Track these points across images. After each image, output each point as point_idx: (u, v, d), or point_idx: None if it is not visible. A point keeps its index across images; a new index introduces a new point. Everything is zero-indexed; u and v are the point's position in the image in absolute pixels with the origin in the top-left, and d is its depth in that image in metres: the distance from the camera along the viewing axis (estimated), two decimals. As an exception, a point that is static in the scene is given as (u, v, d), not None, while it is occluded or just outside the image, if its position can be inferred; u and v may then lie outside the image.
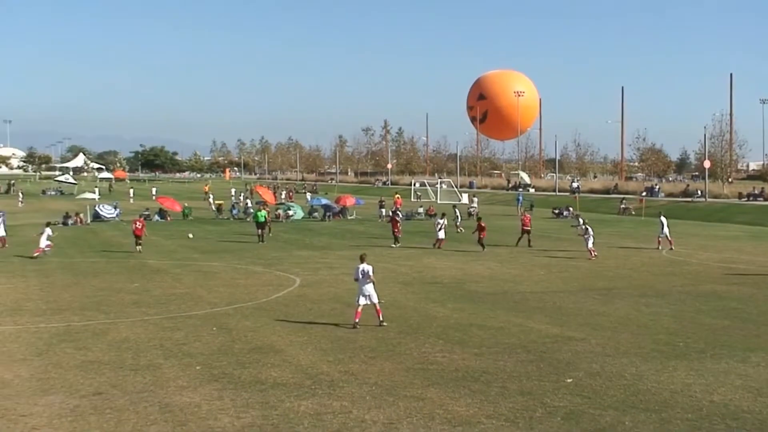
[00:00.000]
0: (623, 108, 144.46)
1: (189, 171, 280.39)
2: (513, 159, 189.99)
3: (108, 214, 76.44)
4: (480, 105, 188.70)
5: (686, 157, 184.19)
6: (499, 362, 20.33)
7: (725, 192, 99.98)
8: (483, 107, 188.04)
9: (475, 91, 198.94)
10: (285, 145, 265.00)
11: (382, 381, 18.50)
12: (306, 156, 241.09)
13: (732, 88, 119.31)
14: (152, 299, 30.30)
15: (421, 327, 24.79)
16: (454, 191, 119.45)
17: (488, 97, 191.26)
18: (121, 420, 15.63)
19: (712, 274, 37.98)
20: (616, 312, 27.71)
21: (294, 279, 35.49)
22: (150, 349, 21.79)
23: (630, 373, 19.18)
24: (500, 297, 31.08)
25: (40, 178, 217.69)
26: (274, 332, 24.11)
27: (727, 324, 25.57)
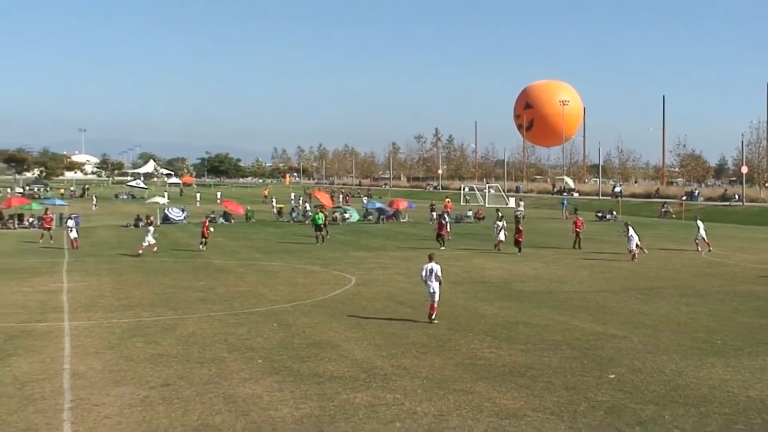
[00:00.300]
0: (664, 116, 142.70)
1: (251, 176, 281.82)
2: (558, 165, 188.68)
3: (176, 216, 77.26)
4: (527, 113, 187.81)
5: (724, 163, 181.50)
6: (545, 358, 20.22)
7: (762, 196, 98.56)
8: (529, 116, 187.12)
9: (522, 100, 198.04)
10: (341, 151, 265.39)
11: (432, 375, 18.48)
12: (361, 162, 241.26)
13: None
14: (217, 296, 30.52)
15: (470, 324, 24.72)
16: (501, 195, 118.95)
17: (534, 106, 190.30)
18: (188, 410, 15.77)
19: (749, 275, 37.48)
20: (656, 311, 27.44)
21: (349, 278, 35.56)
22: (215, 344, 21.96)
23: (670, 370, 18.98)
24: (545, 296, 30.90)
25: (113, 183, 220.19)
26: (331, 328, 24.18)
27: (764, 322, 25.20)
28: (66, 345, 21.91)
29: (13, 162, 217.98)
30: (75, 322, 25.15)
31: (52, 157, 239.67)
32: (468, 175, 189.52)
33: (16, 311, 26.28)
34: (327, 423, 14.91)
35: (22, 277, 36.32)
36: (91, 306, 28.47)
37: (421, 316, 25.86)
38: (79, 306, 28.46)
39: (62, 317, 26.19)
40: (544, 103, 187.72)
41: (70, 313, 27.05)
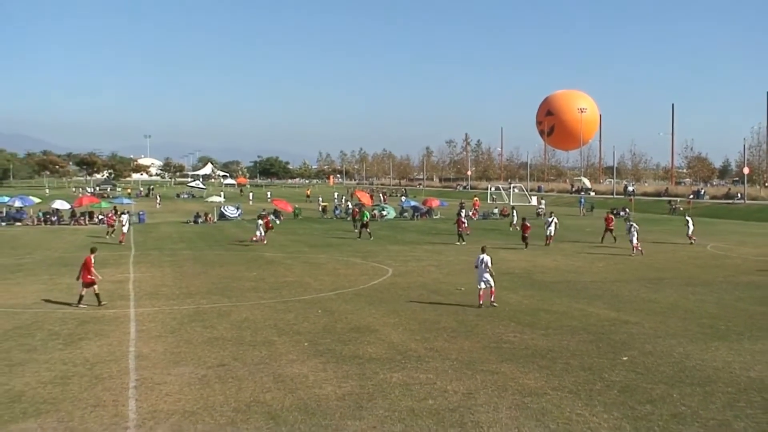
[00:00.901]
0: (673, 121, 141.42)
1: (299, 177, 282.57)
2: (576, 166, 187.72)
3: (231, 214, 77.52)
4: (548, 120, 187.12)
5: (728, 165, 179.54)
6: (563, 342, 20.09)
7: (762, 195, 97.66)
8: (550, 122, 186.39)
9: (544, 108, 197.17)
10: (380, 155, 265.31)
11: (461, 357, 18.43)
12: (397, 164, 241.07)
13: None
14: (267, 286, 30.62)
15: (495, 311, 24.61)
16: (524, 194, 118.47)
17: (555, 113, 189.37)
18: (241, 388, 15.84)
19: (751, 266, 37.05)
20: (665, 299, 27.19)
21: (387, 269, 35.54)
22: (266, 328, 22.03)
23: (678, 353, 18.80)
24: (564, 285, 30.71)
25: (175, 184, 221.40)
26: (370, 314, 24.18)
27: (764, 310, 24.89)
28: (131, 329, 22.08)
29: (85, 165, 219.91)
30: (140, 309, 25.36)
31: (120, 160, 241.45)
32: (494, 176, 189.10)
33: (87, 299, 26.52)
34: (366, 400, 14.92)
35: (94, 268, 36.58)
36: (154, 294, 28.68)
37: (450, 303, 25.86)
38: (144, 294, 28.68)
39: (128, 304, 26.40)
40: (564, 111, 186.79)
41: (135, 300, 27.28)
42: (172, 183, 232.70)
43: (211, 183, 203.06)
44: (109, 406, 14.80)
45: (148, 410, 14.48)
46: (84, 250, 46.50)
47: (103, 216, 70.81)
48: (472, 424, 13.53)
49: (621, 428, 13.33)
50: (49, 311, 24.98)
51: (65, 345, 20.05)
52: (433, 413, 14.11)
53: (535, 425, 13.46)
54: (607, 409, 14.34)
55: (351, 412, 14.20)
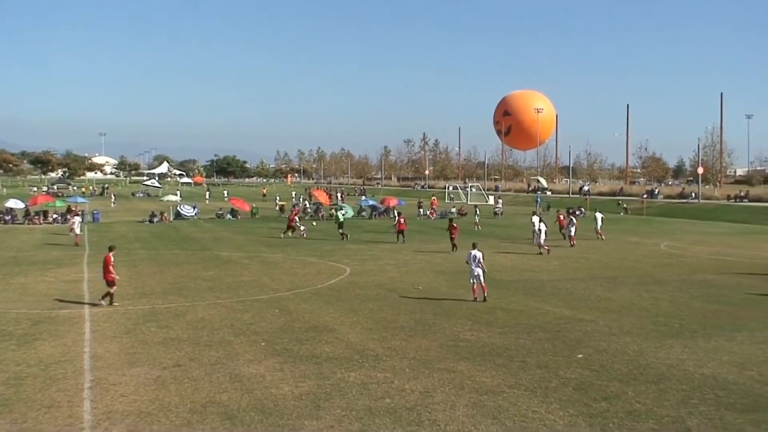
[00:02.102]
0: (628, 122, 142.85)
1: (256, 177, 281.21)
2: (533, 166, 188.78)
3: (188, 213, 76.91)
4: (505, 120, 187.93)
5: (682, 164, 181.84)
6: (520, 340, 20.23)
7: (716, 194, 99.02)
8: (507, 122, 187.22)
9: (501, 108, 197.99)
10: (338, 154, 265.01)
11: (419, 356, 18.47)
12: (356, 164, 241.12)
13: (722, 105, 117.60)
14: (224, 285, 30.45)
15: (452, 309, 24.71)
16: (482, 194, 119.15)
17: (512, 113, 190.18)
18: (197, 388, 15.73)
19: (704, 265, 37.55)
20: (620, 297, 27.48)
21: (345, 268, 35.51)
22: (222, 328, 21.90)
23: (632, 350, 19.02)
24: (521, 284, 30.90)
25: (130, 183, 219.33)
26: (328, 314, 24.14)
27: (717, 308, 25.27)
28: (86, 330, 21.84)
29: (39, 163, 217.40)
30: (94, 309, 25.07)
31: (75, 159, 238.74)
32: (452, 176, 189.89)
33: (41, 299, 26.16)
34: (323, 400, 14.89)
35: (47, 268, 36.18)
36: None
37: (408, 302, 25.97)
38: (98, 294, 28.30)
39: (82, 304, 26.09)
40: (521, 111, 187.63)
41: (89, 300, 26.93)
42: (128, 182, 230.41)
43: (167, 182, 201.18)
44: (64, 407, 14.63)
45: (103, 411, 14.32)
46: (40, 249, 45.98)
47: (57, 215, 70.01)
48: (429, 423, 13.57)
49: (576, 425, 13.45)
50: (2, 311, 24.61)
51: (18, 346, 19.77)
52: (391, 412, 14.13)
53: (492, 423, 13.54)
54: (563, 406, 14.46)
55: (308, 412, 14.17)
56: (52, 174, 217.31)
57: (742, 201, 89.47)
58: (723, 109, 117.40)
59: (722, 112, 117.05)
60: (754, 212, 76.76)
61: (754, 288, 29.77)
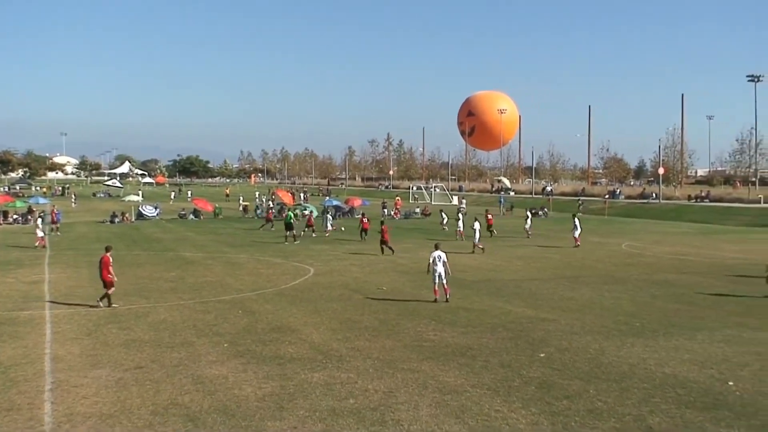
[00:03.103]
0: (590, 123, 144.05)
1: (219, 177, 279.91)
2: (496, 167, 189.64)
3: (149, 213, 76.35)
4: (469, 121, 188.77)
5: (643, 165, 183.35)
6: (483, 339, 20.31)
7: (677, 194, 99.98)
8: (471, 123, 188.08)
9: (465, 108, 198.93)
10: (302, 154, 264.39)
11: (383, 356, 18.48)
12: (320, 164, 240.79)
13: (683, 106, 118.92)
14: (187, 286, 30.28)
15: (416, 310, 24.76)
16: (446, 194, 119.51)
17: (476, 114, 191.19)
18: (159, 390, 15.62)
19: (665, 264, 37.96)
20: (582, 297, 27.70)
21: (309, 269, 35.45)
22: (184, 329, 21.77)
23: (594, 349, 19.17)
24: (484, 284, 31.04)
25: (91, 183, 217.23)
26: (291, 314, 24.09)
27: (678, 307, 25.55)
28: (47, 331, 21.61)
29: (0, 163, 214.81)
30: (55, 311, 24.82)
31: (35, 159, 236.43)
32: (416, 176, 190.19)
33: (1, 300, 25.82)
34: (287, 400, 14.85)
35: (7, 269, 35.75)
36: (70, 295, 28.09)
37: (372, 302, 26.02)
38: (60, 295, 28.08)
39: (44, 306, 25.82)
40: (485, 112, 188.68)
41: (50, 302, 26.66)
42: (89, 182, 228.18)
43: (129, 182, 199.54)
44: (24, 409, 14.45)
45: (64, 413, 14.17)
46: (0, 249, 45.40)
47: (18, 215, 69.19)
48: (392, 423, 13.58)
49: (538, 423, 13.53)
50: (-41, 314, 24.26)
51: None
52: (354, 412, 14.12)
53: (455, 422, 13.58)
54: (525, 405, 14.54)
55: (271, 413, 14.12)
56: (12, 174, 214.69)
57: (702, 201, 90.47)
58: (684, 111, 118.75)
59: (683, 113, 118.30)
60: (715, 212, 77.74)
61: (714, 288, 30.13)
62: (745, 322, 22.81)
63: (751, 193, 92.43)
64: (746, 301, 26.62)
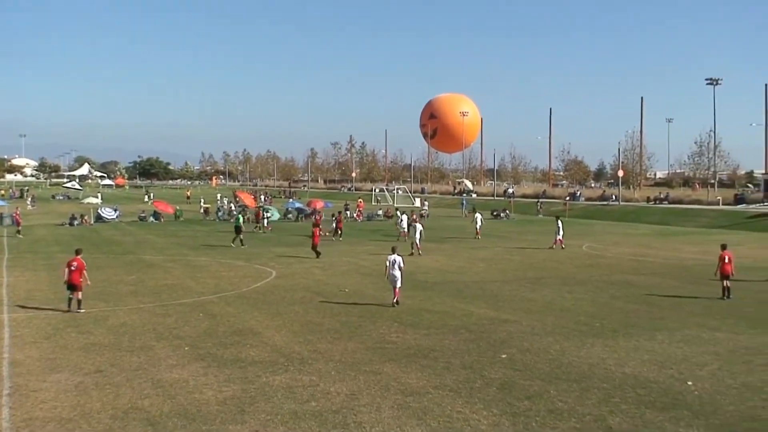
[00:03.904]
0: (551, 126, 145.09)
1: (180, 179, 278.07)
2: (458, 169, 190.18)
3: (109, 215, 75.54)
4: (431, 123, 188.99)
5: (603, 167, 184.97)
6: (445, 341, 20.37)
7: (636, 196, 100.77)
8: (433, 125, 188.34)
9: (427, 111, 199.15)
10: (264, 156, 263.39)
11: (345, 358, 18.47)
12: (282, 166, 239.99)
13: (642, 109, 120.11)
14: (147, 289, 30.03)
15: (378, 312, 24.78)
16: (408, 196, 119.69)
17: (438, 116, 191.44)
18: (119, 394, 15.48)
19: (625, 266, 38.31)
20: (543, 298, 27.88)
21: (270, 271, 35.33)
22: (144, 333, 21.60)
23: (555, 350, 19.31)
24: (446, 286, 31.14)
25: (50, 185, 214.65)
26: (253, 317, 24.00)
27: (637, 308, 25.80)
28: (5, 335, 21.32)
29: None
30: (14, 314, 24.50)
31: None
32: (379, 178, 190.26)
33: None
34: (248, 404, 14.79)
35: (-36, 273, 35.20)
36: (28, 299, 27.76)
37: (334, 305, 26.01)
38: (18, 299, 27.72)
39: (1, 309, 25.47)
40: (447, 114, 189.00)
41: (9, 305, 26.31)
42: (48, 184, 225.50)
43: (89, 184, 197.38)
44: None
45: (22, 418, 13.99)
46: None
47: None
48: (355, 425, 13.57)
49: (500, 424, 13.60)
50: None
51: (-69, 353, 19.20)
52: (316, 415, 14.09)
53: (417, 424, 13.60)
54: (487, 406, 14.61)
55: (232, 417, 14.05)
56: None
57: (661, 203, 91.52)
58: (643, 113, 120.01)
59: (642, 116, 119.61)
60: (673, 214, 78.58)
61: (673, 288, 30.47)
62: (704, 322, 23.10)
63: (710, 194, 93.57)
64: (705, 302, 26.94)
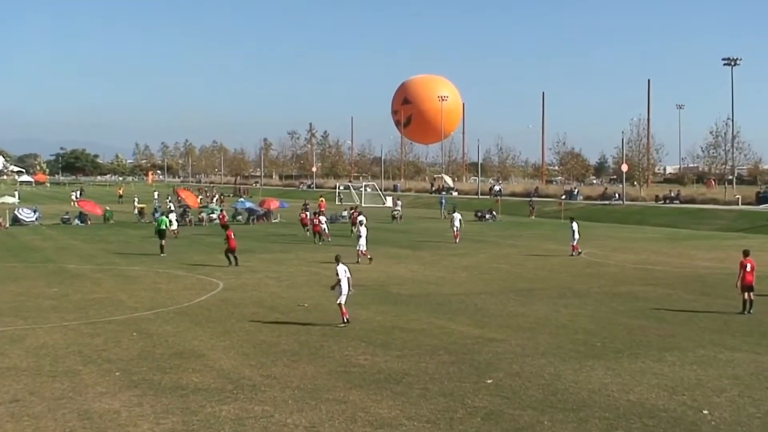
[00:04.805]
0: (544, 113, 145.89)
1: (111, 174, 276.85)
2: (437, 162, 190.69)
3: (27, 217, 74.90)
4: (404, 109, 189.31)
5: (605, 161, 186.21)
6: (421, 364, 20.40)
7: (642, 195, 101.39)
8: (407, 111, 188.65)
9: (400, 95, 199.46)
10: (209, 147, 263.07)
11: (304, 384, 18.44)
12: (230, 159, 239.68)
13: (650, 93, 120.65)
14: (71, 304, 29.83)
15: (344, 330, 24.76)
16: (378, 194, 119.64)
17: (413, 101, 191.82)
18: (39, 427, 15.36)
19: (629, 275, 38.55)
20: (535, 313, 28.00)
21: (217, 283, 35.22)
22: (69, 355, 21.46)
23: (548, 373, 19.39)
24: (423, 299, 31.19)
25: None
26: (196, 337, 23.92)
27: (644, 324, 25.98)
28: None
29: None
30: None
31: None
32: (344, 173, 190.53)
33: None
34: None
35: None
36: (-70, 316, 27.48)
37: (291, 322, 25.98)
38: None
39: None
40: (423, 99, 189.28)
41: None
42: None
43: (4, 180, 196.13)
44: None
45: None
46: None
47: None
48: (315, 463, 13.55)
49: (485, 462, 13.63)
50: None
51: None
52: (270, 451, 14.06)
53: (389, 461, 13.61)
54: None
55: (172, 453, 13.99)
56: None
57: (671, 202, 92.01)
58: (650, 98, 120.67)
59: (650, 101, 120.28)
60: (685, 215, 79.15)
61: (685, 301, 30.73)
62: (722, 340, 23.30)
63: (728, 193, 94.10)
64: (722, 317, 27.18)
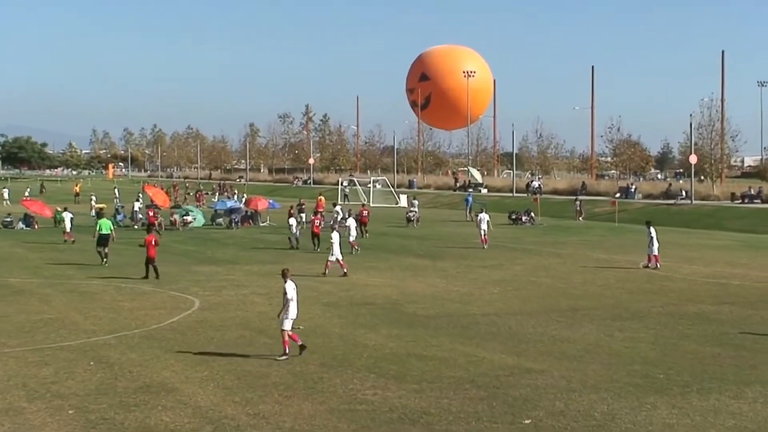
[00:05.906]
0: (593, 92, 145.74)
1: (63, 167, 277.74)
2: (462, 153, 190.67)
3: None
4: (422, 87, 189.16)
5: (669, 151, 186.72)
6: (443, 400, 20.36)
7: (715, 193, 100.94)
8: (426, 90, 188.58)
9: (417, 70, 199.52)
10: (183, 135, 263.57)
11: (299, 425, 18.43)
12: (209, 149, 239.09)
13: (724, 68, 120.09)
14: (13, 327, 29.87)
15: (348, 358, 24.76)
16: (390, 192, 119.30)
17: (432, 77, 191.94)
18: (-27, 478, 15.39)
19: (700, 291, 38.45)
20: (583, 338, 27.94)
21: (192, 300, 35.25)
22: (10, 390, 21.47)
23: (600, 412, 19.33)
24: (445, 321, 31.15)
25: None
26: (167, 367, 23.92)
27: (718, 352, 25.88)
28: None
29: None
30: None
31: None
32: (348, 166, 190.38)
33: None
34: (159, 491, 14.75)
35: None
36: None
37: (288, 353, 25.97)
38: None
39: None
40: (445, 75, 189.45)
41: None
42: None
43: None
44: None
45: None
46: None
47: None
48: None
49: None
50: None
51: None
52: (258, 508, 14.06)
53: None
54: (504, 494, 14.60)
55: None
56: None
57: (751, 202, 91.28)
58: (725, 75, 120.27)
59: (724, 78, 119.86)
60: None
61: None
62: (812, 372, 23.23)
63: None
64: (813, 343, 27.11)
